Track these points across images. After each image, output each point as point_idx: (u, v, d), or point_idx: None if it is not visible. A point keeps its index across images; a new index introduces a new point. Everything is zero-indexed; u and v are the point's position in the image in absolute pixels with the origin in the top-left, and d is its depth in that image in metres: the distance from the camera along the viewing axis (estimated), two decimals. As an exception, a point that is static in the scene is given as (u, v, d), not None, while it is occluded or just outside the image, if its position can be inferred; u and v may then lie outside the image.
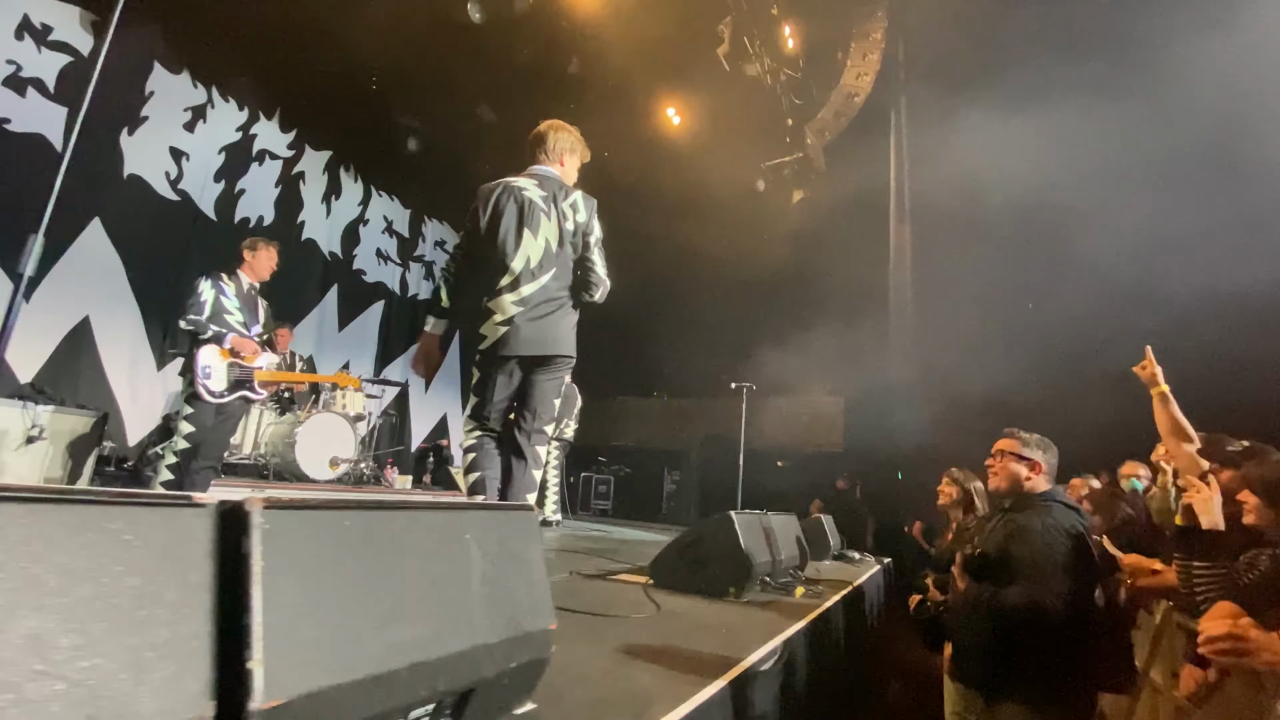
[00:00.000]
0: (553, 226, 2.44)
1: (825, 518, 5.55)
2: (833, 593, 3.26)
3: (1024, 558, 1.98)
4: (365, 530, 0.83)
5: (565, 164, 2.59)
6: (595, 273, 2.50)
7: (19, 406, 3.42)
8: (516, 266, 2.37)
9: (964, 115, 7.20)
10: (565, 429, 6.49)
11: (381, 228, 8.77)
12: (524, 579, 1.13)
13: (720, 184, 9.12)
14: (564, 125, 2.60)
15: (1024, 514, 2.10)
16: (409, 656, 0.80)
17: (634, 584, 2.97)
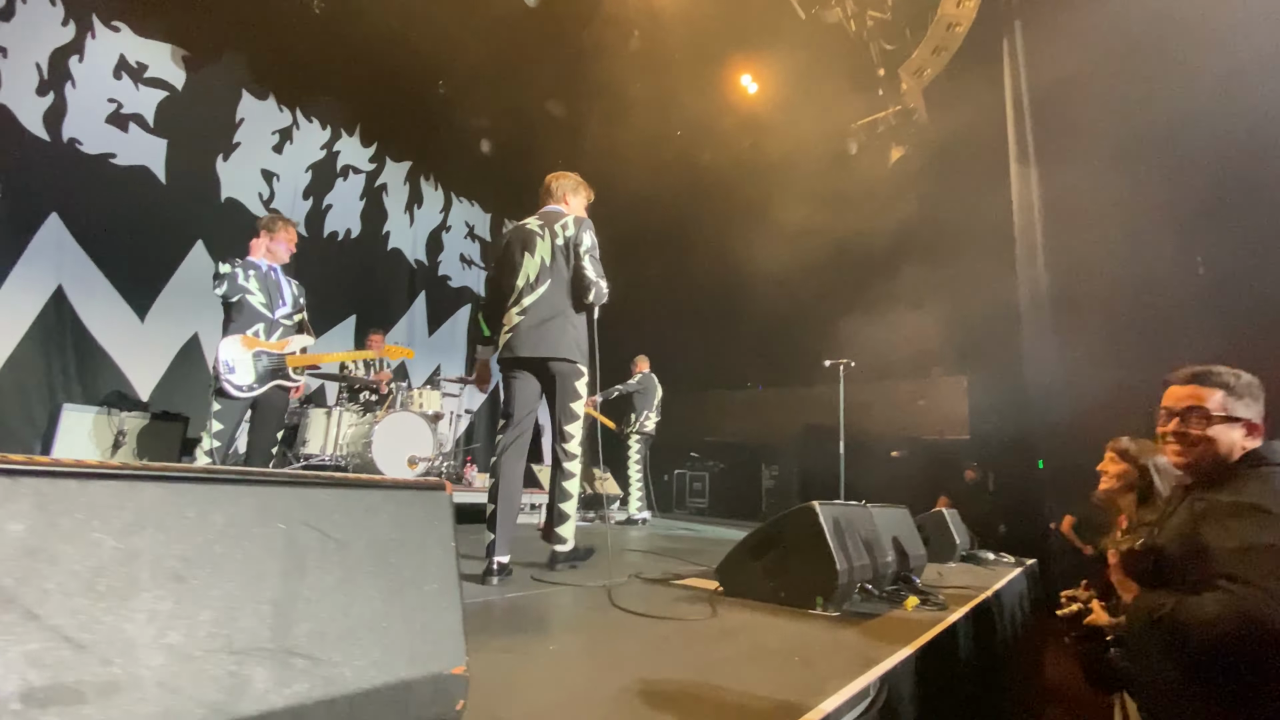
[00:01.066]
0: (546, 245, 2.80)
1: (949, 511, 4.74)
2: (957, 605, 2.59)
3: (1227, 547, 1.30)
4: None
5: (569, 202, 2.99)
6: (587, 277, 2.78)
7: (105, 414, 3.54)
8: (519, 283, 2.77)
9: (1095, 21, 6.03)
10: (645, 422, 6.11)
11: (463, 233, 8.87)
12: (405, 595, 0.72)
13: (807, 152, 8.39)
14: (564, 173, 3.05)
15: (1226, 487, 1.39)
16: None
17: (701, 590, 2.50)
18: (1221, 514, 1.33)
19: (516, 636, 1.64)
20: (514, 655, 1.42)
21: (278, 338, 3.51)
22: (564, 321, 2.74)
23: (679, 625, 1.82)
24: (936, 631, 2.00)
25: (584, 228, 2.83)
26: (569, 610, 2.06)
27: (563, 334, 2.72)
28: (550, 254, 2.78)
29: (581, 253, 2.79)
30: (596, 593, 2.35)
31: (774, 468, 9.37)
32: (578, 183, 3.03)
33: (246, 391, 3.33)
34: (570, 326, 2.75)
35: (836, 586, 2.17)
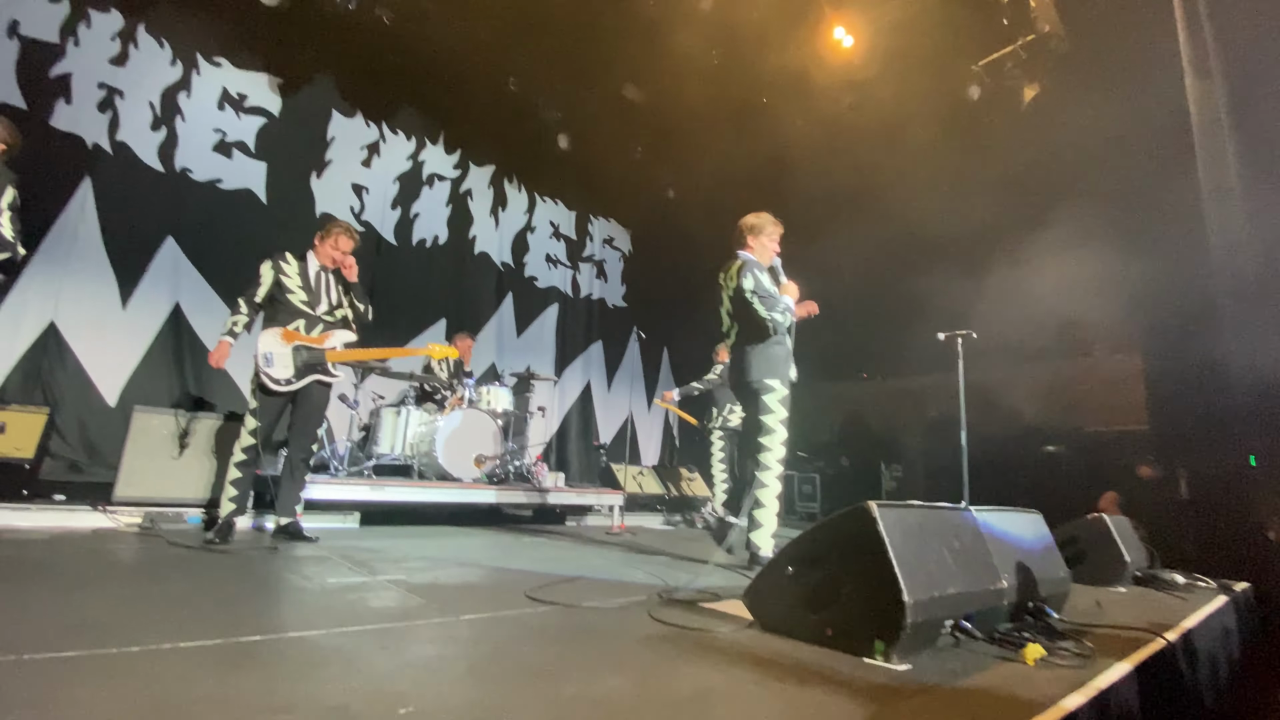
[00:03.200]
0: (725, 295, 3.45)
1: (1116, 519, 3.67)
2: (1116, 654, 1.79)
3: None
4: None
5: (752, 244, 3.44)
6: (757, 317, 3.21)
7: (172, 414, 3.67)
8: (724, 328, 3.52)
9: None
10: (730, 416, 5.52)
11: (549, 233, 8.78)
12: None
13: (919, 107, 7.32)
14: (751, 215, 3.49)
15: None
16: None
17: (731, 619, 1.94)
18: None
19: (405, 667, 1.22)
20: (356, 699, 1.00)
21: (318, 333, 3.44)
22: (749, 351, 3.26)
23: (632, 679, 1.31)
24: (1071, 708, 1.29)
25: (744, 273, 3.26)
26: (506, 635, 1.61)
27: (750, 361, 3.25)
28: (729, 303, 3.41)
29: (747, 297, 3.22)
30: (600, 615, 1.88)
31: (896, 467, 8.28)
32: (764, 221, 3.45)
33: (284, 385, 3.27)
34: (752, 354, 3.25)
35: (903, 626, 1.52)
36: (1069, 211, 6.15)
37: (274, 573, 2.40)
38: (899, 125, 7.40)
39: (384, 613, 1.73)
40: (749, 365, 3.23)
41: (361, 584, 2.18)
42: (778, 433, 3.14)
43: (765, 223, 3.44)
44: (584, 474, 7.87)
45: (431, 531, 4.01)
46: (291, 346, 3.29)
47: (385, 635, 1.51)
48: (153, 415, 3.67)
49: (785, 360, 3.26)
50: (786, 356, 3.28)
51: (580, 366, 8.74)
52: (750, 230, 3.43)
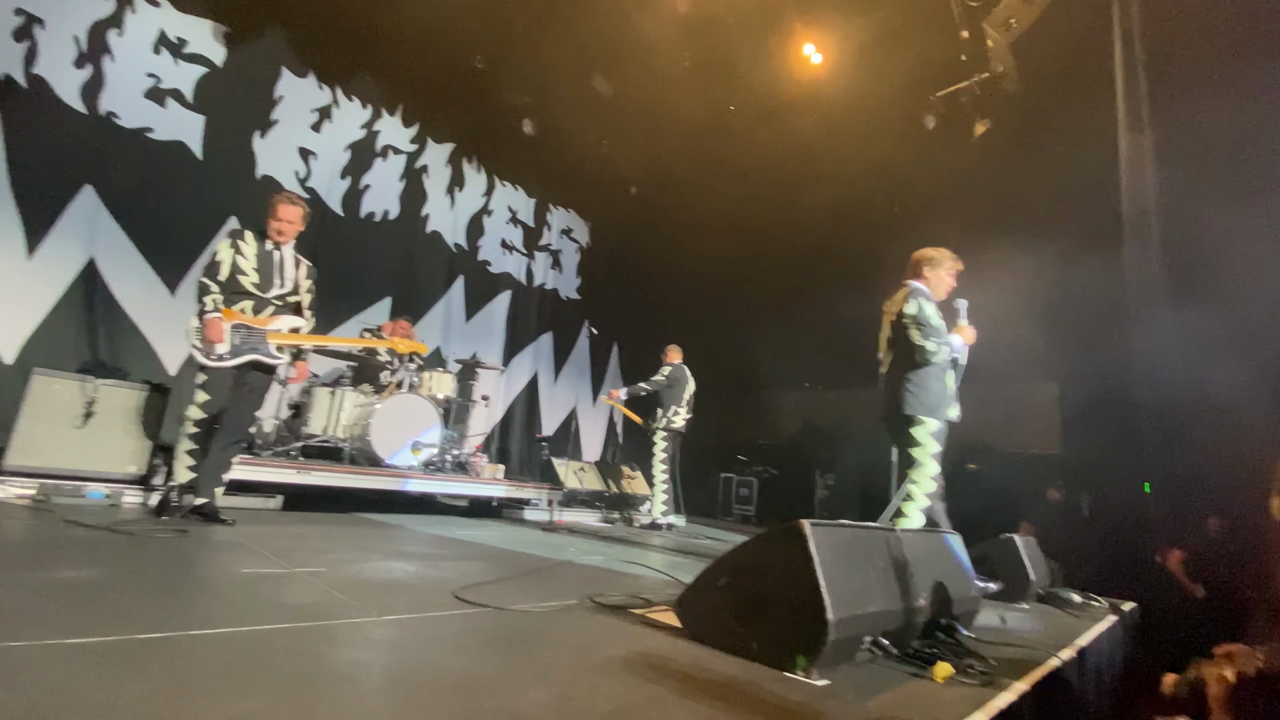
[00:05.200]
0: (886, 324, 3.40)
1: (1026, 539, 3.89)
2: (1015, 675, 1.90)
3: None
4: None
5: (927, 275, 3.36)
6: (914, 344, 3.15)
7: (78, 380, 3.40)
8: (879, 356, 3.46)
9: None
10: (674, 417, 5.56)
11: (506, 218, 8.60)
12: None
13: (877, 129, 7.53)
14: (930, 249, 3.40)
15: None
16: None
17: (661, 627, 1.95)
18: None
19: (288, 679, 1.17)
20: None
21: (266, 315, 3.26)
22: (899, 379, 3.23)
23: (554, 693, 1.30)
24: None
25: (910, 299, 3.23)
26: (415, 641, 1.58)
27: (899, 390, 3.22)
28: (889, 329, 3.36)
29: (906, 324, 3.19)
30: (516, 619, 1.86)
31: (829, 476, 8.55)
32: (940, 256, 3.38)
33: (215, 360, 3.08)
34: (903, 382, 3.21)
35: (825, 643, 1.56)
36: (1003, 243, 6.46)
37: (182, 559, 2.26)
38: (858, 145, 7.61)
39: (300, 609, 1.65)
40: (903, 398, 3.16)
41: (278, 576, 2.08)
42: (927, 466, 3.15)
43: (944, 258, 3.37)
44: (524, 467, 7.77)
45: (359, 520, 3.87)
46: (230, 325, 3.11)
47: (299, 635, 1.44)
48: (55, 380, 3.38)
49: (942, 396, 3.21)
50: (944, 393, 3.22)
51: (529, 357, 8.62)
52: (926, 262, 3.35)
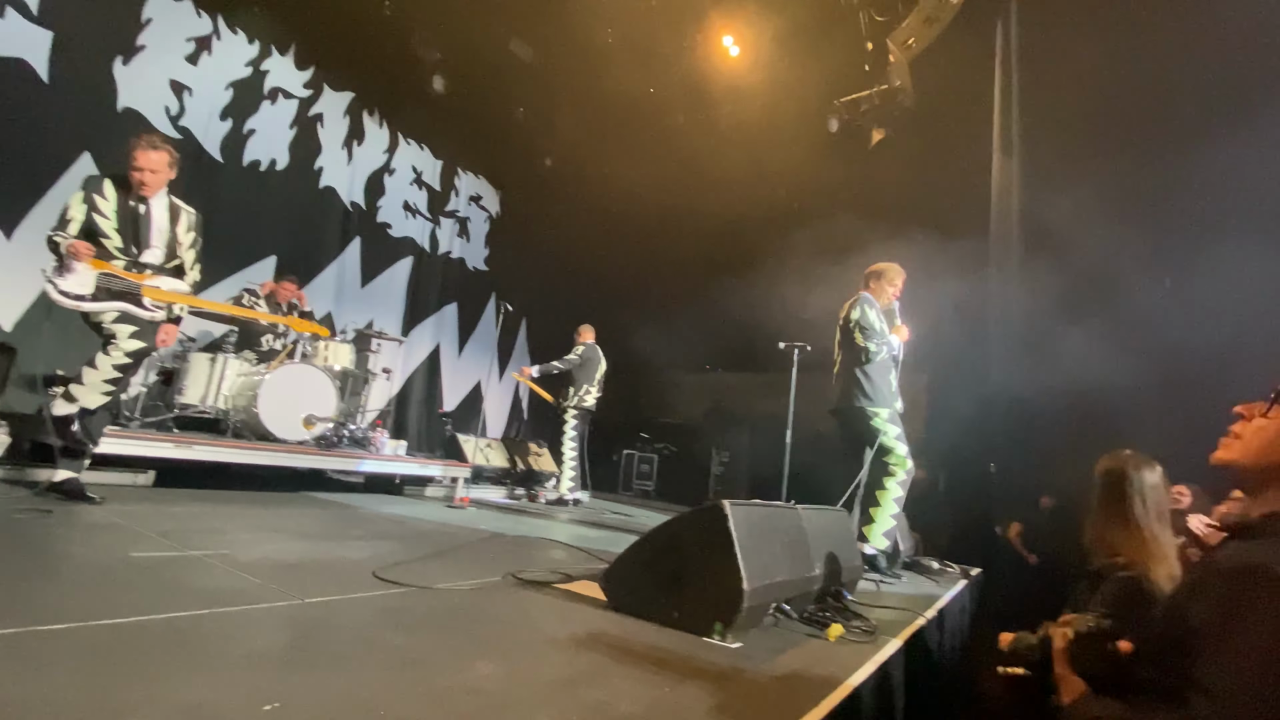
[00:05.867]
0: (838, 330, 3.84)
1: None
2: (891, 631, 2.19)
3: (1212, 634, 0.85)
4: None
5: (873, 287, 3.83)
6: (856, 346, 3.62)
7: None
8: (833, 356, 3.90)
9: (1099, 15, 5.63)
10: (585, 396, 5.62)
11: (410, 178, 8.14)
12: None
13: (786, 127, 7.88)
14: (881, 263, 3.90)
15: (1269, 542, 0.89)
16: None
17: (585, 600, 2.04)
18: (1230, 581, 0.86)
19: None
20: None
21: None
22: (848, 374, 3.70)
23: (501, 665, 1.36)
24: (858, 681, 1.57)
25: (855, 306, 3.69)
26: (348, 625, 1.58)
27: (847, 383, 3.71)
28: (839, 333, 3.81)
29: (852, 328, 3.65)
30: (438, 597, 1.87)
31: (725, 453, 9.02)
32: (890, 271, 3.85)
33: (73, 301, 2.70)
34: (850, 377, 3.69)
35: (740, 610, 1.73)
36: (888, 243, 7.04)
37: (56, 543, 2.04)
38: (767, 140, 7.94)
39: (214, 594, 1.57)
40: (853, 391, 3.64)
41: (175, 559, 1.94)
42: (898, 447, 3.59)
43: (891, 271, 3.84)
44: (426, 442, 7.54)
45: (246, 498, 3.61)
46: (98, 272, 2.74)
47: (223, 621, 1.38)
48: None
49: (889, 390, 3.68)
50: (890, 387, 3.70)
51: (430, 328, 8.29)
52: (875, 275, 3.84)
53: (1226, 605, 0.82)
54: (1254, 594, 0.80)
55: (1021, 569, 5.51)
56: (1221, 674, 0.79)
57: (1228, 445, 1.00)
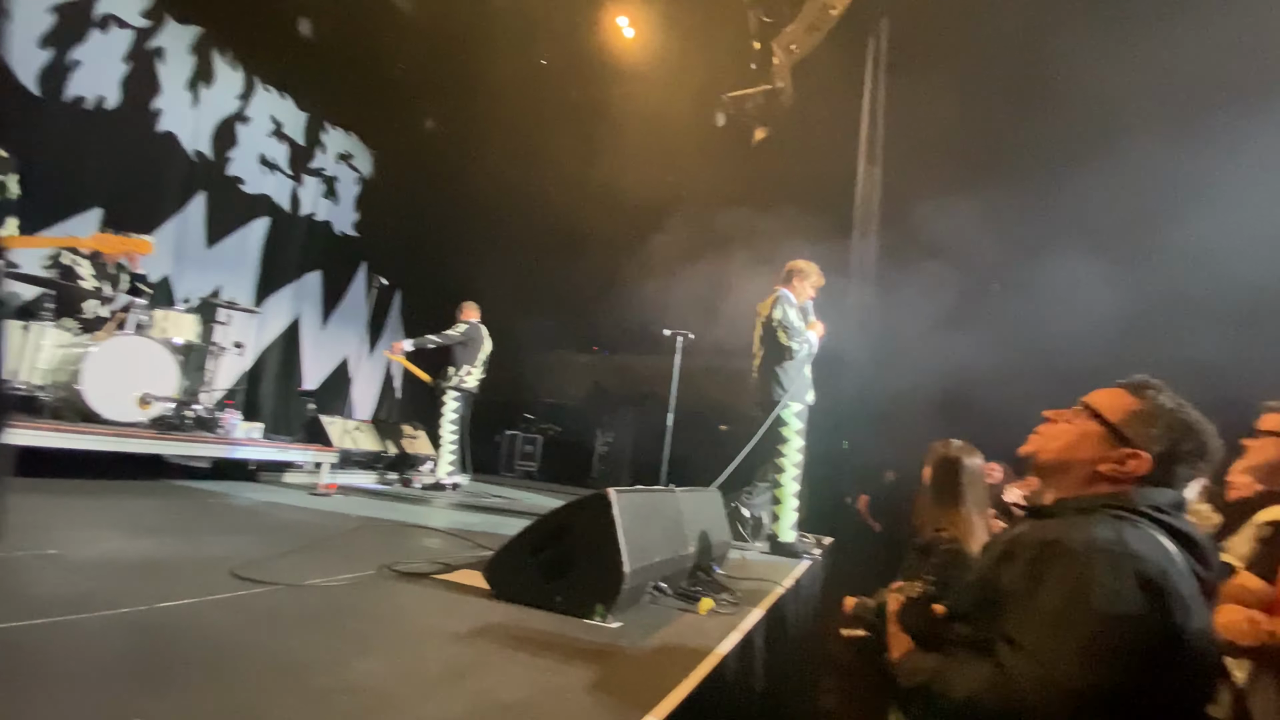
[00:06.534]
0: (759, 324, 3.99)
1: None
2: (754, 602, 2.41)
3: (1017, 596, 1.03)
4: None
5: (795, 285, 3.98)
6: (781, 344, 3.78)
7: None
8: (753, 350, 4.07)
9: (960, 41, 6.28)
10: (467, 377, 5.48)
11: (268, 130, 7.34)
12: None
13: (675, 115, 8.04)
14: (802, 261, 4.05)
15: (1061, 521, 1.09)
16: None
17: (467, 589, 2.05)
18: (1028, 551, 1.06)
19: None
20: None
21: None
22: (768, 371, 3.88)
23: (382, 661, 1.35)
24: (725, 651, 1.73)
25: (777, 305, 3.83)
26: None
27: (765, 380, 3.89)
28: (761, 329, 3.95)
29: (774, 327, 3.80)
30: (305, 594, 1.80)
31: (609, 434, 9.19)
32: (808, 269, 4.01)
33: None
34: (769, 374, 3.87)
35: (621, 592, 1.83)
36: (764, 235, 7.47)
37: None
38: (657, 126, 8.05)
39: (48, 601, 1.38)
40: (773, 387, 3.81)
41: (-13, 563, 1.68)
42: (793, 441, 3.83)
43: (810, 271, 4.00)
44: (285, 424, 6.94)
45: (74, 488, 3.17)
46: None
47: (62, 631, 1.23)
48: None
49: (805, 385, 3.88)
50: (806, 382, 3.89)
51: (289, 297, 7.59)
52: (797, 273, 3.98)
53: (1030, 571, 1.02)
54: (1052, 562, 1.00)
55: (868, 536, 6.20)
56: (1024, 627, 0.99)
57: (1033, 441, 1.23)
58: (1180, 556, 0.99)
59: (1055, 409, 1.27)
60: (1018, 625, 1.00)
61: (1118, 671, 0.89)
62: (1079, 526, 1.02)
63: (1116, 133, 5.43)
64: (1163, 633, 0.90)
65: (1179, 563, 0.98)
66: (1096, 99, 5.30)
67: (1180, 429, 1.08)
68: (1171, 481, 1.07)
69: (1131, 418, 1.11)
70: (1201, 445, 1.07)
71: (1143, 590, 0.91)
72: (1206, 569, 1.01)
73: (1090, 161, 5.56)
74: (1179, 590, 0.93)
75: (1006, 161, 6.10)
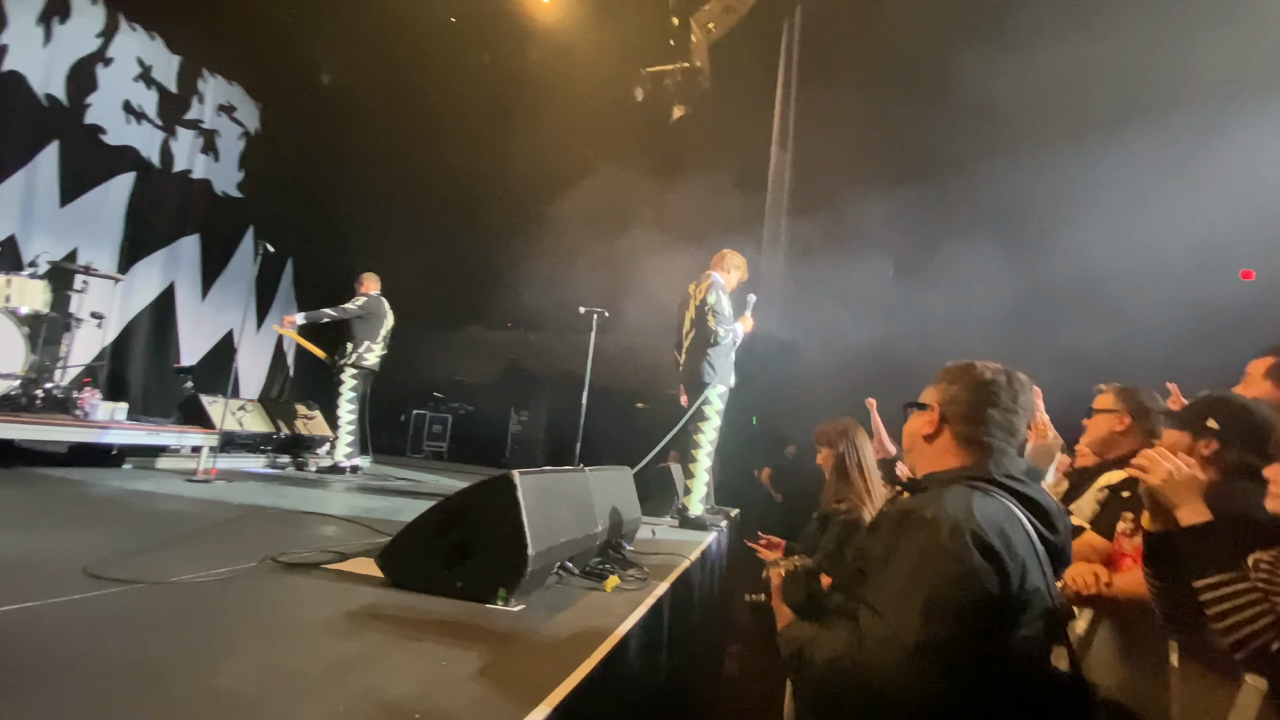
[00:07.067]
0: (692, 306, 4.14)
1: (675, 466, 4.85)
2: (660, 576, 2.45)
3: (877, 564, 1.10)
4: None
5: (727, 271, 4.22)
6: (710, 329, 3.97)
7: None
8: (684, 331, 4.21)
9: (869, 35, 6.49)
10: (366, 354, 5.18)
11: (134, 73, 6.50)
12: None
13: (592, 87, 7.86)
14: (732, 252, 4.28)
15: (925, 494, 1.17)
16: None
17: (361, 579, 1.94)
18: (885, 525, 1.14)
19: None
20: None
21: None
22: (699, 354, 4.03)
23: (255, 663, 1.26)
24: (626, 629, 1.75)
25: (711, 290, 4.03)
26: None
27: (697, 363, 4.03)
28: (694, 311, 4.10)
29: (706, 311, 3.99)
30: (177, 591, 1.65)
31: (523, 413, 9.03)
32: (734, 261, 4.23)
33: None
34: (700, 355, 4.02)
35: (524, 574, 1.80)
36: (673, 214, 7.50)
37: None
38: (573, 97, 7.85)
39: None
40: (703, 368, 3.99)
41: None
42: (712, 421, 4.05)
43: (741, 263, 4.25)
44: (160, 404, 6.29)
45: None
46: None
47: None
48: None
49: (730, 368, 4.09)
50: (730, 365, 4.09)
51: (161, 264, 6.85)
52: (729, 260, 4.21)
53: (890, 539, 1.10)
54: (906, 530, 1.08)
55: (771, 506, 6.51)
56: (879, 593, 1.06)
57: None
58: (1027, 521, 1.09)
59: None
60: (874, 591, 1.08)
61: (954, 627, 0.96)
62: (935, 498, 1.10)
63: (1011, 136, 5.85)
64: (999, 591, 0.99)
65: (1024, 527, 1.07)
66: (993, 103, 5.67)
67: (973, 384, 1.21)
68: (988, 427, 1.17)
69: (939, 393, 1.26)
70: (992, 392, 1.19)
71: (980, 553, 0.99)
72: (1053, 533, 1.11)
73: (985, 160, 5.98)
74: (1017, 552, 1.02)
75: (909, 155, 6.44)
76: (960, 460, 1.20)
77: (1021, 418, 1.20)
